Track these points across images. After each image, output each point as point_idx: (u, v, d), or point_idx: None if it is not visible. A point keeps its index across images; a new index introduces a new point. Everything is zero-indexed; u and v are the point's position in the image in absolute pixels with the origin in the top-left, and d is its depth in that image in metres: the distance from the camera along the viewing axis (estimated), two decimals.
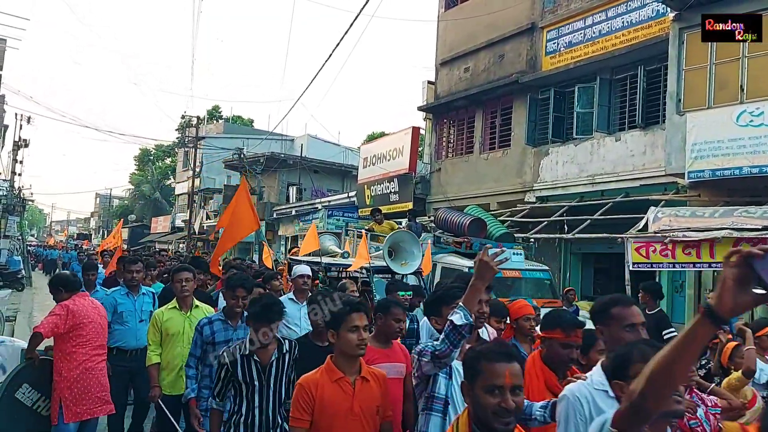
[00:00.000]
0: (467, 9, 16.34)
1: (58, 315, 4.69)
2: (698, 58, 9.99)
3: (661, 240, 8.86)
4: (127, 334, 5.45)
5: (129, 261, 5.95)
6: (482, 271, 2.67)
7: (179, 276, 4.86)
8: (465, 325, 2.59)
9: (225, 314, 4.40)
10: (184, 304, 4.86)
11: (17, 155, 32.22)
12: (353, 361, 2.94)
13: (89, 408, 4.73)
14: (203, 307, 5.00)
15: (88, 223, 79.94)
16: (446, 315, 2.82)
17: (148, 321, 5.28)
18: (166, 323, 4.73)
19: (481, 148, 15.83)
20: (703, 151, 9.61)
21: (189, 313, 4.83)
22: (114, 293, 5.66)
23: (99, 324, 4.94)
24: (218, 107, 49.49)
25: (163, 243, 38.76)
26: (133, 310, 5.56)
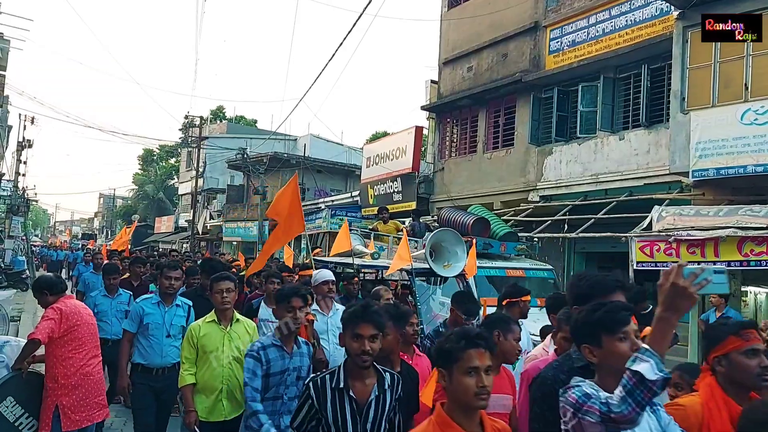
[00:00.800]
0: (470, 8, 16.31)
1: (52, 319, 4.42)
2: (702, 57, 9.96)
3: (666, 239, 8.85)
4: (151, 350, 4.88)
5: (167, 266, 5.19)
6: (676, 300, 1.91)
7: (219, 286, 4.26)
8: (658, 380, 1.83)
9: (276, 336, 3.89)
10: (223, 317, 4.27)
11: (21, 156, 32.33)
12: (473, 414, 2.16)
13: (89, 414, 4.57)
14: (244, 321, 4.45)
15: (92, 224, 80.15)
16: (609, 348, 2.13)
17: (178, 337, 4.87)
18: (203, 339, 4.15)
19: (484, 148, 15.82)
20: (707, 150, 9.57)
21: (229, 327, 4.26)
22: (143, 302, 5.03)
23: (91, 325, 4.76)
24: (222, 107, 49.61)
25: (167, 243, 38.84)
26: (161, 323, 4.95)
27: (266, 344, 3.60)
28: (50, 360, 4.49)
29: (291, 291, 3.90)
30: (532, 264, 10.05)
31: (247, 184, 30.07)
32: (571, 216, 12.14)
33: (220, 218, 32.65)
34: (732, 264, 8.31)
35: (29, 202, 37.58)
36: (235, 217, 29.86)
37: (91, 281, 8.73)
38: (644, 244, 9.08)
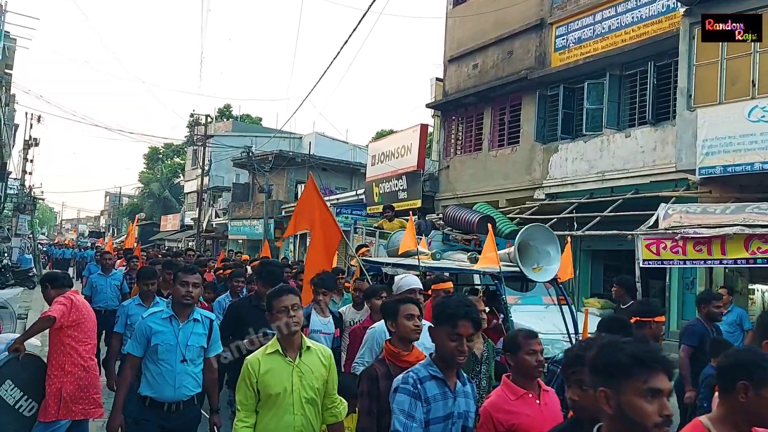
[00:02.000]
0: (475, 5, 16.28)
1: (64, 304, 4.43)
2: (709, 54, 9.91)
3: (672, 237, 8.82)
4: (162, 379, 3.79)
5: (183, 269, 4.06)
6: None
7: (283, 302, 3.17)
8: None
9: None
10: (290, 345, 3.16)
11: (28, 154, 32.49)
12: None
13: (85, 408, 4.50)
14: (317, 349, 3.29)
15: (98, 222, 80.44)
16: None
17: (197, 362, 3.90)
18: (265, 377, 3.07)
19: (489, 145, 15.79)
20: (714, 147, 9.53)
21: (298, 359, 3.16)
22: (150, 318, 3.89)
23: (94, 323, 4.75)
24: (229, 106, 49.67)
25: (173, 241, 38.99)
26: (174, 344, 3.83)
27: (422, 376, 2.65)
28: (57, 347, 4.47)
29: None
30: None
31: (253, 182, 30.13)
32: (577, 214, 12.10)
33: (226, 216, 32.75)
34: (739, 262, 8.28)
35: (36, 201, 37.77)
36: (241, 215, 29.93)
37: (99, 284, 8.20)
38: (650, 242, 9.04)
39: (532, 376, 2.94)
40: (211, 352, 4.03)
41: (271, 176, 26.83)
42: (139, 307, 5.56)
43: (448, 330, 2.60)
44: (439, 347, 2.69)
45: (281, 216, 26.80)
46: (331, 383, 3.27)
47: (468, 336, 2.59)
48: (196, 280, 3.98)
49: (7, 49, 20.13)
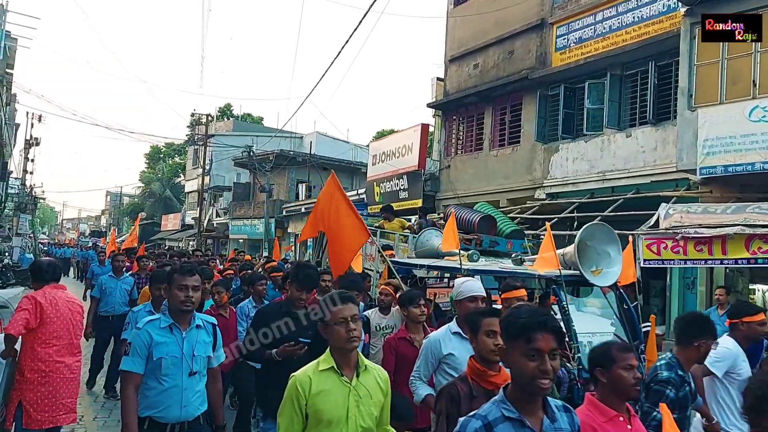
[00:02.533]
0: (476, 5, 16.28)
1: (26, 309, 4.11)
2: (710, 54, 9.91)
3: (673, 237, 8.82)
4: (167, 397, 3.34)
5: (181, 271, 3.54)
6: None
7: (341, 312, 2.73)
8: None
9: None
10: (346, 363, 2.72)
11: (29, 153, 32.51)
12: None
13: (51, 415, 4.18)
14: (373, 369, 2.84)
15: (99, 221, 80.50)
16: None
17: (202, 374, 3.50)
18: (318, 400, 2.60)
19: (490, 145, 15.80)
20: (714, 147, 9.53)
21: (355, 380, 2.70)
22: (148, 326, 3.42)
23: (69, 321, 4.35)
24: (230, 105, 49.73)
25: (174, 241, 39.03)
26: (179, 356, 3.39)
27: (493, 418, 2.07)
28: (22, 351, 4.21)
29: None
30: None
31: (254, 181, 30.14)
32: (577, 213, 12.10)
33: (227, 216, 32.78)
34: (740, 262, 8.28)
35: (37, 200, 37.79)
36: (242, 215, 29.96)
37: (109, 287, 7.90)
38: (651, 242, 9.04)
39: (627, 395, 2.61)
40: (215, 361, 3.64)
41: (272, 176, 26.83)
42: (150, 314, 5.11)
43: (523, 347, 2.04)
44: (514, 373, 2.10)
45: (282, 215, 26.82)
46: (386, 411, 2.83)
47: (550, 351, 2.02)
48: (196, 282, 3.50)
49: (8, 49, 20.16)
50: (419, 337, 4.36)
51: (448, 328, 3.78)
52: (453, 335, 3.69)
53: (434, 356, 3.66)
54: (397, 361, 4.31)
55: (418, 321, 4.52)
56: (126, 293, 8.02)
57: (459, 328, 3.70)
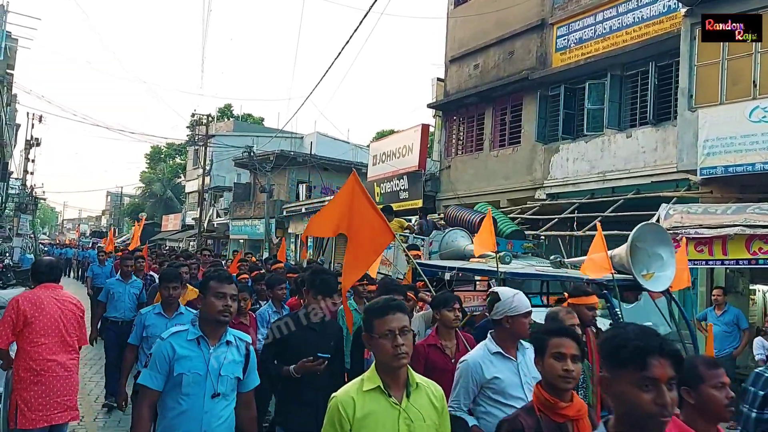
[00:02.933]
0: (477, 6, 16.29)
1: (5, 319, 4.12)
2: (710, 54, 9.91)
3: (673, 237, 8.79)
4: (185, 420, 2.94)
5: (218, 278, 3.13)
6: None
7: (388, 323, 2.37)
8: None
9: None
10: (395, 381, 2.39)
11: (29, 154, 32.53)
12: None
13: (45, 414, 4.11)
14: (426, 385, 2.50)
15: (100, 221, 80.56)
16: None
17: (228, 398, 3.05)
18: (363, 423, 2.31)
19: (491, 145, 15.81)
20: (715, 148, 9.53)
21: (406, 401, 2.38)
22: (173, 338, 3.03)
23: (58, 318, 4.25)
24: (230, 105, 49.77)
25: (174, 241, 39.05)
26: (203, 373, 2.95)
27: None
28: (17, 353, 4.21)
29: None
30: (538, 262, 10.03)
31: (254, 182, 30.17)
32: (578, 214, 12.11)
33: (227, 216, 32.80)
34: (740, 262, 8.28)
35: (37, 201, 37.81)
36: (242, 215, 29.98)
37: (117, 292, 7.47)
38: None
39: (719, 417, 2.35)
40: (248, 385, 3.16)
41: (272, 176, 26.85)
42: (159, 317, 4.87)
43: (635, 375, 1.66)
44: (622, 407, 1.71)
45: (282, 216, 26.84)
46: None
47: (668, 380, 1.66)
48: (234, 291, 3.11)
49: (9, 50, 20.17)
50: (451, 344, 4.09)
51: (486, 348, 3.30)
52: (494, 356, 3.25)
53: (475, 382, 3.22)
54: (425, 370, 3.84)
55: (452, 326, 4.15)
56: (135, 297, 7.59)
57: (499, 346, 3.27)
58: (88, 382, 8.33)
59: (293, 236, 26.46)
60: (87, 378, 8.50)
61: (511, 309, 3.31)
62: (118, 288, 7.54)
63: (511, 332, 3.28)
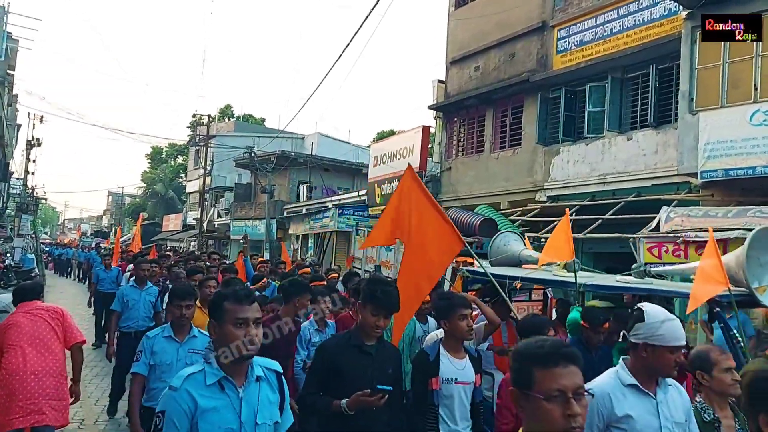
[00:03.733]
0: (477, 7, 16.29)
1: None
2: (711, 57, 9.90)
3: (674, 240, 8.83)
4: None
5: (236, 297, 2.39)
6: None
7: (559, 377, 1.63)
8: None
9: None
10: None
11: (30, 154, 32.56)
12: None
13: (9, 419, 4.04)
14: None
15: (101, 221, 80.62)
16: None
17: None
18: None
19: (491, 147, 15.80)
20: (715, 151, 9.53)
21: None
22: (189, 383, 2.30)
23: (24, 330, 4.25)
24: (230, 106, 49.83)
25: (175, 241, 39.08)
26: (235, 427, 2.28)
27: None
28: None
29: None
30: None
31: (255, 182, 30.19)
32: (578, 216, 12.10)
33: (228, 216, 32.83)
34: None
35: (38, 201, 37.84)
36: (243, 216, 30.00)
37: (131, 299, 7.01)
38: (652, 246, 9.05)
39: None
40: (284, 425, 2.50)
41: (273, 176, 26.88)
42: (170, 341, 4.18)
43: None
44: None
45: (283, 216, 26.86)
46: None
47: None
48: (257, 313, 2.41)
49: (10, 50, 20.18)
50: None
51: (617, 377, 2.69)
52: (628, 389, 2.64)
53: (602, 417, 2.59)
54: None
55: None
56: (150, 306, 7.10)
57: (634, 377, 2.66)
58: (89, 384, 8.31)
59: (294, 237, 26.47)
60: (87, 381, 8.50)
61: (654, 337, 2.64)
62: (132, 295, 7.03)
63: (648, 365, 2.65)
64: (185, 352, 4.13)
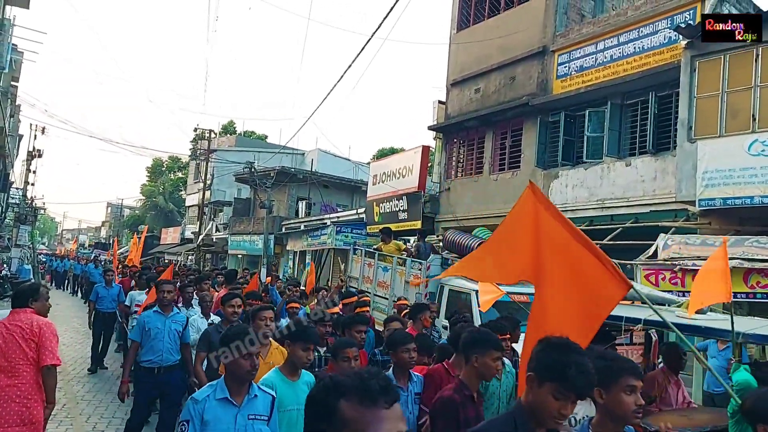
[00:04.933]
0: (479, 31, 16.42)
1: None
2: (710, 86, 9.97)
3: (671, 268, 8.83)
4: None
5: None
6: None
7: None
8: None
9: None
10: None
11: (31, 165, 32.59)
12: None
13: None
14: None
15: (99, 233, 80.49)
16: None
17: None
18: None
19: (490, 169, 15.84)
20: (714, 179, 9.56)
21: None
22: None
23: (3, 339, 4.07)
24: (233, 122, 50.02)
25: (172, 254, 39.00)
26: None
27: None
28: None
29: None
30: None
31: (254, 197, 30.21)
32: None
33: (226, 231, 32.81)
34: (738, 296, 8.25)
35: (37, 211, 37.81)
36: (241, 230, 29.97)
37: (154, 328, 5.82)
38: (649, 273, 9.05)
39: None
40: None
41: (272, 192, 26.89)
42: (225, 405, 3.07)
43: None
44: None
45: (281, 232, 26.84)
46: None
47: None
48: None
49: (14, 62, 20.29)
50: None
51: None
52: None
53: None
54: None
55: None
56: (177, 336, 5.97)
57: None
58: (80, 401, 8.23)
59: (291, 253, 26.43)
60: (79, 396, 8.43)
61: None
62: (155, 323, 5.88)
63: None
64: (244, 419, 3.05)
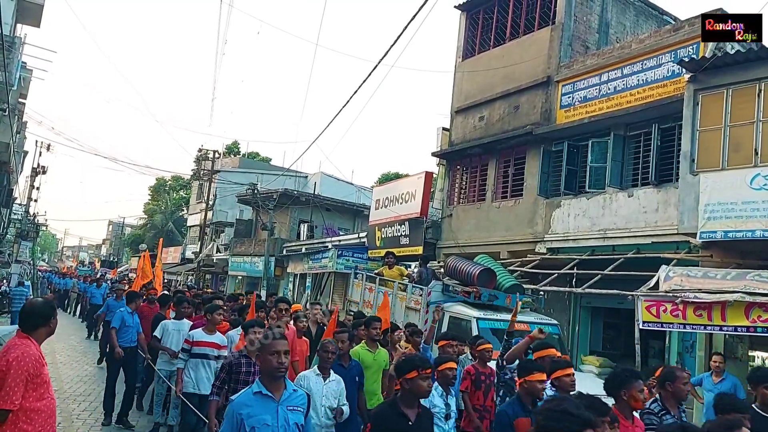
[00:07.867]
0: (484, 60, 16.62)
1: None
2: (713, 120, 10.06)
3: (672, 300, 8.79)
4: None
5: None
6: None
7: None
8: None
9: None
10: None
11: (34, 181, 32.73)
12: None
13: None
14: None
15: (99, 250, 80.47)
16: None
17: None
18: None
19: (493, 197, 15.89)
20: (716, 212, 9.60)
21: None
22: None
23: None
24: (237, 143, 50.34)
25: (173, 274, 38.93)
26: None
27: None
28: None
29: None
30: (537, 318, 9.99)
31: (256, 218, 30.27)
32: (578, 270, 12.09)
33: (227, 251, 32.81)
34: (739, 329, 8.23)
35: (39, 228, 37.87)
36: (242, 252, 29.96)
37: (258, 422, 3.84)
38: (650, 304, 9.01)
39: None
40: None
41: (274, 214, 26.95)
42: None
43: None
44: None
45: (282, 255, 26.83)
46: None
47: None
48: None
49: (23, 79, 20.50)
50: None
51: None
52: None
53: None
54: None
55: None
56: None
57: None
58: (75, 419, 8.18)
59: (291, 275, 26.39)
60: (75, 416, 8.38)
61: None
62: (261, 414, 4.52)
63: None
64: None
